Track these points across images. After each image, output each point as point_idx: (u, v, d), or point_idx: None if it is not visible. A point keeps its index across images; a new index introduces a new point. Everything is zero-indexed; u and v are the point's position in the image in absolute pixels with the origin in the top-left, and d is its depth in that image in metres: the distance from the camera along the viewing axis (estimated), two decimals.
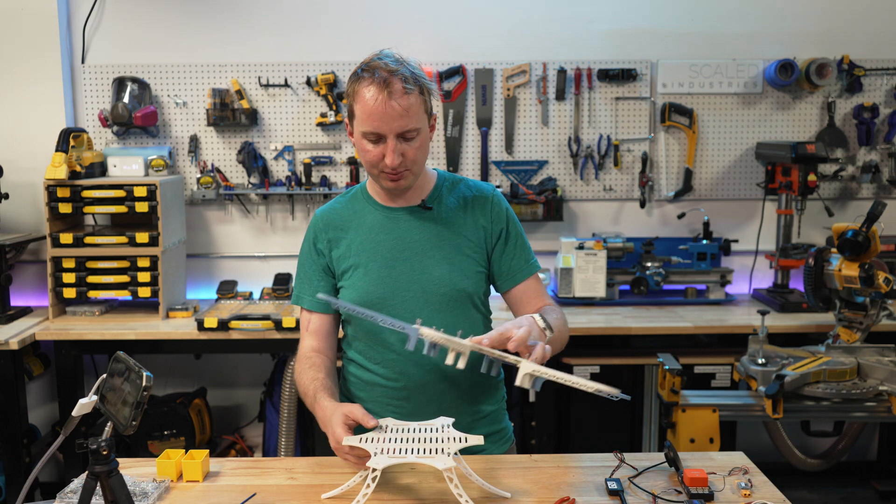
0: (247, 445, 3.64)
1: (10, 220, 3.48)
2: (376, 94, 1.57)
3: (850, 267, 2.70)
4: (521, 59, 3.51)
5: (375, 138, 1.61)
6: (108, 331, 3.07)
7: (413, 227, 1.74)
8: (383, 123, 1.59)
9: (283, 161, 3.56)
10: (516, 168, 3.57)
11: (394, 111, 1.57)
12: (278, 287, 3.45)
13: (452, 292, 1.71)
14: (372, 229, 1.75)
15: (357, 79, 1.61)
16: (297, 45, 3.52)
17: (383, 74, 1.58)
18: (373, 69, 1.59)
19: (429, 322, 1.67)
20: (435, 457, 1.40)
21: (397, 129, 1.60)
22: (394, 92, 1.57)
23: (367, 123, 1.60)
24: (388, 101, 1.57)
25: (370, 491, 1.40)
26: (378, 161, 1.63)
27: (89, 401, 1.28)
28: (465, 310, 1.74)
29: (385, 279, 1.71)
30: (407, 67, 1.62)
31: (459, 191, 1.79)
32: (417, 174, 1.70)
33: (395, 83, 1.58)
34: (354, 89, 1.61)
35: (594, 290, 3.37)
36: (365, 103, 1.59)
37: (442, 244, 1.73)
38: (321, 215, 1.81)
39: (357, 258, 1.74)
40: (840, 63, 3.48)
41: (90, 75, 3.50)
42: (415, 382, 1.71)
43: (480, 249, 1.75)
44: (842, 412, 2.63)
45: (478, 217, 1.76)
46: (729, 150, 3.61)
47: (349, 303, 1.67)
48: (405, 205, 1.75)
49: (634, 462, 1.62)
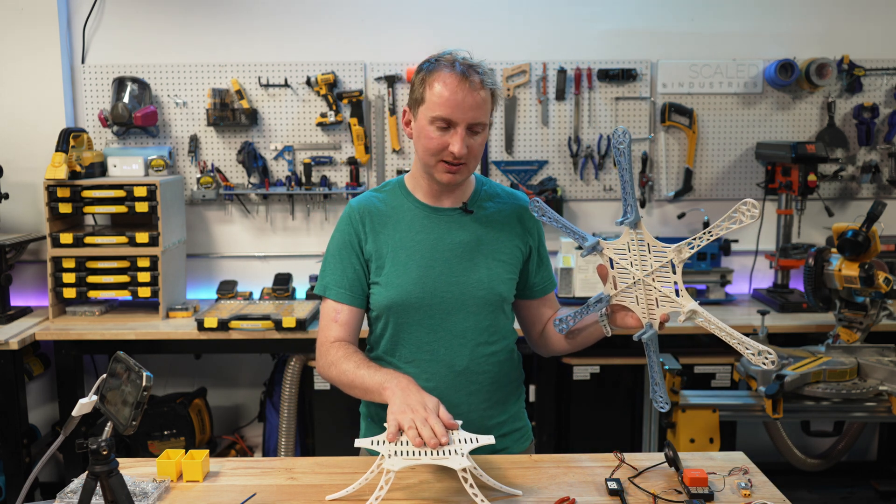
0: (247, 445, 3.64)
1: (10, 220, 3.48)
2: (456, 82, 1.59)
3: (850, 267, 2.70)
4: (521, 59, 3.51)
5: (445, 125, 1.61)
6: (108, 331, 3.07)
7: (453, 228, 1.73)
8: (458, 111, 1.60)
9: (283, 161, 3.56)
10: (516, 168, 3.57)
11: (471, 101, 1.60)
12: (278, 287, 3.45)
13: (490, 296, 1.72)
14: (412, 227, 1.73)
15: (434, 67, 1.63)
16: (297, 45, 3.52)
17: (463, 65, 1.61)
18: (453, 61, 1.62)
19: (463, 324, 1.71)
20: (450, 458, 1.39)
21: (470, 119, 1.61)
22: (474, 83, 1.60)
23: (442, 109, 1.60)
24: (469, 90, 1.60)
25: (383, 493, 1.40)
26: (441, 149, 1.63)
27: (89, 401, 1.28)
28: (497, 314, 1.75)
29: (424, 279, 1.70)
30: (483, 66, 1.65)
31: (500, 197, 1.80)
32: (472, 171, 1.71)
33: (474, 75, 1.61)
34: (429, 76, 1.63)
35: (594, 290, 3.36)
36: (444, 89, 1.60)
37: (481, 248, 1.73)
38: (359, 205, 1.77)
39: (395, 255, 1.71)
40: (840, 63, 3.48)
41: (90, 75, 3.50)
42: (445, 383, 1.71)
43: (515, 258, 1.76)
44: (842, 412, 2.63)
45: (515, 226, 1.77)
46: (729, 150, 3.61)
47: (383, 300, 1.70)
48: (447, 205, 1.75)
49: (634, 462, 1.62)
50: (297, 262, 3.62)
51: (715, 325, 1.44)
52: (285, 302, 3.36)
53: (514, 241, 1.76)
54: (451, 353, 1.71)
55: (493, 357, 1.74)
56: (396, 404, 1.46)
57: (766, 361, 1.38)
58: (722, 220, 1.42)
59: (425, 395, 1.50)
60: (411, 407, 1.45)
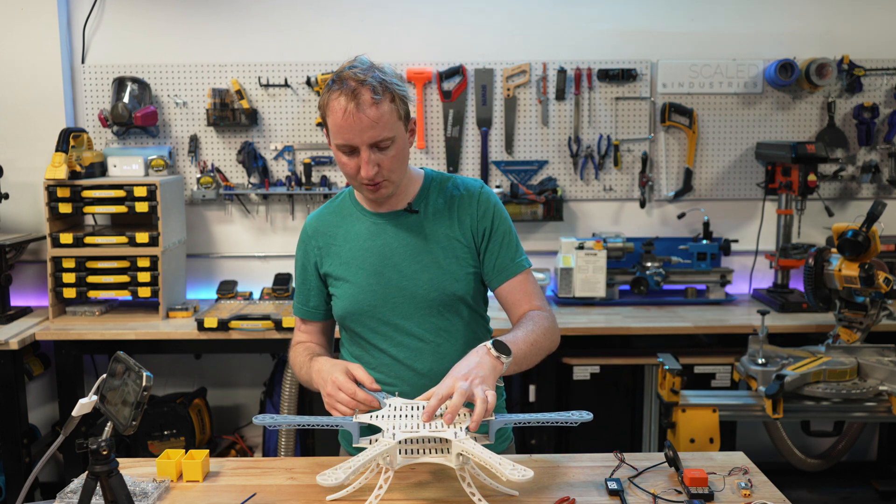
0: (247, 445, 3.64)
1: (10, 220, 3.48)
2: (345, 106, 1.54)
3: (850, 267, 2.70)
4: (521, 59, 3.51)
5: (349, 150, 1.58)
6: (108, 331, 3.07)
7: (400, 232, 1.71)
8: (354, 135, 1.55)
9: (283, 161, 3.56)
10: (516, 168, 3.57)
11: (363, 122, 1.54)
12: (278, 287, 3.45)
13: (442, 296, 1.69)
14: (360, 237, 1.73)
15: (328, 91, 1.57)
16: (297, 45, 3.52)
17: (351, 85, 1.54)
18: (342, 80, 1.55)
19: (421, 326, 1.70)
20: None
21: (368, 140, 1.56)
22: (362, 103, 1.53)
23: (339, 136, 1.57)
24: (356, 112, 1.53)
25: (382, 492, 1.40)
26: (355, 173, 1.61)
27: (89, 401, 1.28)
28: (457, 312, 1.72)
29: (374, 287, 1.70)
30: (377, 75, 1.57)
31: (447, 190, 1.74)
32: (398, 182, 1.66)
33: (363, 93, 1.53)
34: (326, 102, 1.58)
35: (594, 290, 3.37)
36: (335, 116, 1.55)
37: (430, 248, 1.70)
38: (310, 225, 1.80)
39: (346, 267, 1.73)
40: (840, 63, 3.48)
41: (90, 75, 3.50)
42: (411, 387, 1.70)
43: (470, 249, 1.72)
44: (842, 412, 2.63)
45: (464, 216, 1.72)
46: (729, 150, 3.61)
47: (339, 311, 1.74)
48: (391, 209, 1.73)
49: (634, 462, 1.62)
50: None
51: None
52: (285, 302, 3.35)
53: (465, 233, 1.71)
54: (412, 357, 1.71)
55: (457, 357, 1.62)
56: (323, 394, 1.58)
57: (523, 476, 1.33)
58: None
59: (335, 369, 1.57)
60: (325, 391, 1.57)
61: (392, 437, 1.40)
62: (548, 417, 1.50)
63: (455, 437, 1.39)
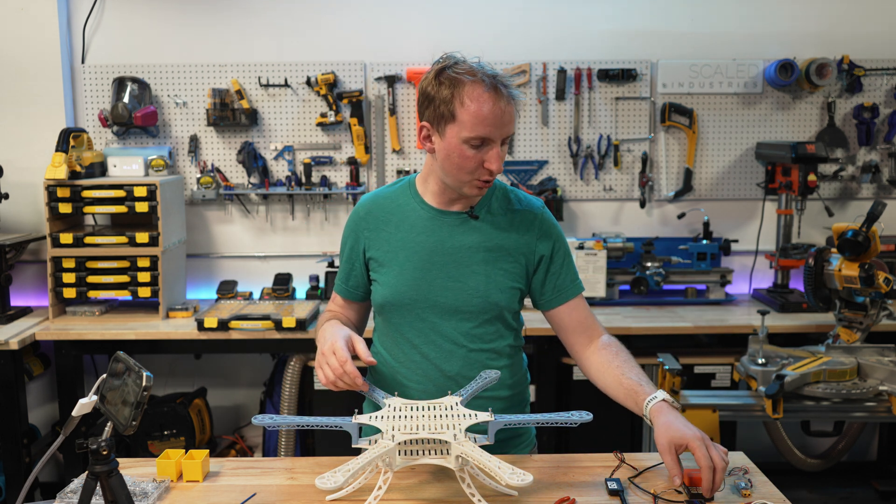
0: (247, 445, 3.64)
1: (10, 220, 3.48)
2: (492, 99, 1.53)
3: (850, 267, 2.69)
4: (522, 59, 3.51)
5: (479, 143, 1.56)
6: (108, 331, 3.07)
7: (456, 233, 1.70)
8: (495, 129, 1.55)
9: (283, 161, 3.56)
10: (516, 168, 3.57)
11: (505, 116, 1.56)
12: (278, 287, 3.45)
13: (485, 304, 1.69)
14: (414, 228, 1.71)
15: (457, 82, 1.54)
16: (297, 45, 3.52)
17: (489, 79, 1.54)
18: (474, 73, 1.55)
19: (457, 330, 1.70)
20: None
21: (505, 134, 1.58)
22: (504, 97, 1.55)
23: (478, 128, 1.54)
24: (502, 105, 1.54)
25: (382, 493, 1.40)
26: (475, 167, 1.59)
27: (89, 401, 1.28)
28: (494, 322, 1.72)
29: (419, 281, 1.69)
30: (505, 75, 1.59)
31: (509, 202, 1.74)
32: None
33: (502, 89, 1.55)
34: (457, 91, 1.54)
35: (594, 290, 3.37)
36: (478, 108, 1.53)
37: (482, 255, 1.69)
38: (363, 206, 1.78)
39: (394, 255, 1.71)
40: (840, 63, 3.48)
41: (90, 75, 3.50)
42: (436, 386, 1.70)
43: (520, 266, 1.71)
44: (842, 412, 2.63)
45: (523, 233, 1.71)
46: (729, 150, 3.61)
47: (379, 298, 1.74)
48: (454, 209, 1.71)
49: (634, 462, 1.62)
50: (297, 262, 3.62)
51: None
52: (285, 302, 3.35)
53: (520, 250, 1.71)
54: (443, 357, 1.70)
55: (488, 364, 1.71)
56: (317, 354, 1.59)
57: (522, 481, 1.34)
58: None
59: (338, 335, 1.57)
60: (321, 350, 1.57)
61: (391, 439, 1.39)
62: (548, 418, 1.50)
63: (454, 439, 1.39)
